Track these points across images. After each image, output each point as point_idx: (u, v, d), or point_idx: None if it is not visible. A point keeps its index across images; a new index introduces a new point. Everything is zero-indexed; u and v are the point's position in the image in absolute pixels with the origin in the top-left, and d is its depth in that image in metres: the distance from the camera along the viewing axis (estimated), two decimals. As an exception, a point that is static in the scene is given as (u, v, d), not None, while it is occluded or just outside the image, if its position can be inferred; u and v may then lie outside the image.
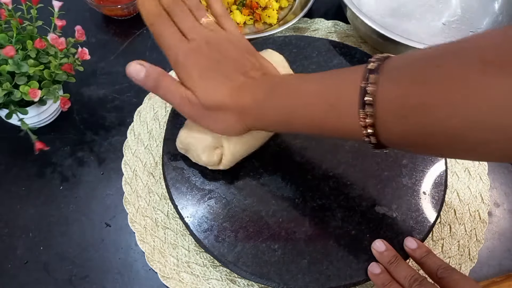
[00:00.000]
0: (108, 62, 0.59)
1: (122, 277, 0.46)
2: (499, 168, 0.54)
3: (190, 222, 0.44)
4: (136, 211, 0.49)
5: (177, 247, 0.47)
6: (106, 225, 0.48)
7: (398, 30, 0.61)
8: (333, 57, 0.55)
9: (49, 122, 0.53)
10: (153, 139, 0.53)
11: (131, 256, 0.47)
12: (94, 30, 0.62)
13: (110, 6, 0.59)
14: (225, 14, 0.43)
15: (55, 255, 0.46)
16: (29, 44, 0.45)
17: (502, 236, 0.50)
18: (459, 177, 0.52)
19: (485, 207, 0.51)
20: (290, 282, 0.41)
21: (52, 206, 0.49)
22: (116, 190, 0.50)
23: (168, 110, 0.55)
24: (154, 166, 0.51)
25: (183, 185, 0.46)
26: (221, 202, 0.45)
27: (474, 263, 0.48)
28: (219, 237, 0.43)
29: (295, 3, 0.65)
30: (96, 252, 0.47)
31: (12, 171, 0.51)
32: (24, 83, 0.44)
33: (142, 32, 0.62)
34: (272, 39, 0.56)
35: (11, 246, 0.47)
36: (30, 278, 0.45)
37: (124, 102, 0.56)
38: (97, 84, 0.57)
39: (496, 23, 0.61)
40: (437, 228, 0.49)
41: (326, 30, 0.63)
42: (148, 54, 0.60)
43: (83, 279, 0.45)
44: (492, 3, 0.62)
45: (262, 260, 0.42)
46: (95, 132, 0.54)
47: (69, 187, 0.50)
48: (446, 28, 0.63)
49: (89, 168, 0.51)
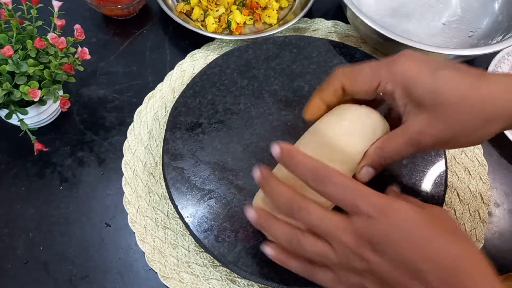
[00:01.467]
0: (108, 62, 0.59)
1: (122, 277, 0.46)
2: (499, 168, 0.54)
3: (190, 222, 0.44)
4: (136, 211, 0.49)
5: (177, 247, 0.47)
6: (106, 225, 0.48)
7: (398, 30, 0.61)
8: (333, 57, 0.55)
9: (49, 122, 0.53)
10: (153, 139, 0.53)
11: (131, 256, 0.47)
12: (94, 30, 0.62)
13: (110, 6, 0.59)
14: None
15: (55, 255, 0.46)
16: (29, 44, 0.45)
17: (502, 236, 0.50)
18: (459, 177, 0.52)
19: (485, 207, 0.51)
20: (290, 282, 0.41)
21: (52, 206, 0.49)
22: (116, 190, 0.50)
23: (168, 110, 0.55)
24: (154, 166, 0.51)
25: (183, 185, 0.46)
26: (221, 202, 0.45)
27: (474, 263, 0.48)
28: (219, 237, 0.43)
29: (295, 3, 0.65)
30: (96, 252, 0.47)
31: (12, 171, 0.51)
32: (24, 83, 0.44)
33: (142, 32, 0.62)
34: (272, 39, 0.56)
35: (11, 246, 0.47)
36: (30, 278, 0.45)
37: (124, 102, 0.56)
38: (97, 84, 0.57)
39: (496, 23, 0.61)
40: (437, 228, 0.49)
41: (326, 30, 0.63)
42: (148, 54, 0.60)
43: (83, 279, 0.45)
44: (492, 3, 0.62)
45: (262, 260, 0.42)
46: (95, 132, 0.54)
47: (69, 187, 0.50)
48: (446, 28, 0.63)
49: (89, 168, 0.51)
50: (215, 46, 0.61)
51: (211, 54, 0.60)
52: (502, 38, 0.56)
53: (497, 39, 0.57)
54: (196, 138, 0.49)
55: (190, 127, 0.49)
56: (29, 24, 0.47)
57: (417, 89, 0.33)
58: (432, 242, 0.29)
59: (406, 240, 0.29)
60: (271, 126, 0.50)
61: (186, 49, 0.60)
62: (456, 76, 0.33)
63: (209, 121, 0.50)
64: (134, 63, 0.59)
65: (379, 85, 0.35)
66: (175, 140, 0.48)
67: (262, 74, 0.53)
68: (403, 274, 0.29)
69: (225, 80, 0.53)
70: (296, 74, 0.53)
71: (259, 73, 0.53)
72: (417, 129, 0.33)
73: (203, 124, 0.50)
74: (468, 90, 0.32)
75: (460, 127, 0.33)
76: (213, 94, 0.52)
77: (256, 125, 0.50)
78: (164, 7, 0.59)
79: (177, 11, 0.63)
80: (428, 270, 0.28)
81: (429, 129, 0.33)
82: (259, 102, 0.52)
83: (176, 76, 0.58)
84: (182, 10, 0.63)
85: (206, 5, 0.63)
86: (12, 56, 0.43)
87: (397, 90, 0.34)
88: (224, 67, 0.53)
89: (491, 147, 0.55)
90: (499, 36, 0.57)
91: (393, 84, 0.34)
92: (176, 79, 0.57)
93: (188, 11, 0.63)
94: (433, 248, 0.29)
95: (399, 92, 0.34)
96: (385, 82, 0.35)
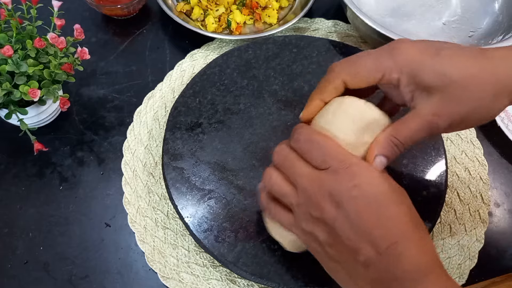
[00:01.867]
0: (108, 62, 0.59)
1: (122, 277, 0.46)
2: (499, 168, 0.54)
3: (190, 222, 0.44)
4: (136, 211, 0.48)
5: (177, 247, 0.47)
6: (106, 225, 0.48)
7: (398, 30, 0.61)
8: (333, 57, 0.55)
9: (49, 122, 0.53)
10: (153, 139, 0.53)
11: (131, 256, 0.47)
12: (94, 30, 0.62)
13: (110, 6, 0.59)
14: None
15: (55, 255, 0.46)
16: (29, 44, 0.45)
17: (502, 236, 0.50)
18: (459, 177, 0.52)
19: (485, 207, 0.51)
20: (290, 282, 0.41)
21: (52, 206, 0.49)
22: (116, 190, 0.50)
23: (168, 110, 0.55)
24: (154, 166, 0.51)
25: (183, 185, 0.46)
26: (221, 202, 0.45)
27: (474, 263, 0.48)
28: (219, 237, 0.43)
29: (295, 2, 0.65)
30: (96, 252, 0.47)
31: (12, 171, 0.51)
32: (23, 83, 0.44)
33: (142, 32, 0.62)
34: (272, 39, 0.56)
35: (11, 246, 0.47)
36: (30, 278, 0.45)
37: (124, 102, 0.56)
38: (97, 84, 0.57)
39: (496, 23, 0.61)
40: (437, 228, 0.49)
41: (326, 30, 0.63)
42: (148, 54, 0.60)
43: (83, 279, 0.45)
44: (492, 3, 0.62)
45: (262, 260, 0.42)
46: (94, 132, 0.53)
47: (69, 187, 0.50)
48: (446, 28, 0.62)
49: (89, 168, 0.51)
50: (215, 46, 0.61)
51: (211, 54, 0.60)
52: (502, 38, 0.56)
53: (497, 39, 0.57)
54: (196, 138, 0.49)
55: (190, 127, 0.49)
56: (29, 24, 0.47)
57: (424, 74, 0.33)
58: (389, 210, 0.31)
59: (364, 200, 0.31)
60: (271, 126, 0.50)
61: (186, 49, 0.60)
62: (460, 56, 0.33)
63: (209, 121, 0.50)
64: (134, 63, 0.59)
65: (383, 76, 0.35)
66: (175, 140, 0.48)
67: (262, 74, 0.53)
68: (355, 233, 0.30)
69: (225, 80, 0.53)
70: (296, 74, 0.53)
71: (259, 73, 0.53)
72: (431, 111, 0.33)
73: (203, 124, 0.50)
74: (474, 68, 0.32)
75: (472, 104, 0.33)
76: (213, 94, 0.52)
77: (256, 125, 0.50)
78: (164, 7, 0.59)
79: (177, 11, 0.62)
80: (380, 236, 0.30)
81: (443, 110, 0.33)
82: (259, 102, 0.52)
83: (176, 76, 0.58)
84: (182, 10, 0.63)
85: (206, 4, 0.63)
86: (12, 56, 0.43)
87: (403, 78, 0.34)
88: (224, 67, 0.53)
89: (491, 147, 0.55)
90: (499, 36, 0.57)
91: (399, 73, 0.34)
92: (176, 79, 0.57)
93: (188, 11, 0.63)
94: (389, 216, 0.30)
95: (404, 80, 0.34)
96: (390, 72, 0.34)
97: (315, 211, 0.32)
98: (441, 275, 0.30)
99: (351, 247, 0.31)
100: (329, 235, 0.32)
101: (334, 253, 0.32)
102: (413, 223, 0.31)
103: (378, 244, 0.30)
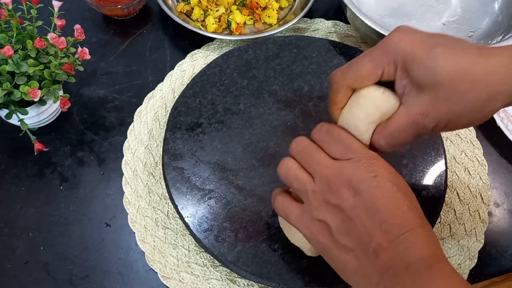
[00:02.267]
0: (108, 62, 0.59)
1: (122, 277, 0.46)
2: (499, 168, 0.54)
3: (190, 222, 0.44)
4: (136, 211, 0.49)
5: (177, 247, 0.47)
6: (106, 225, 0.48)
7: (398, 30, 0.61)
8: (333, 57, 0.55)
9: (49, 122, 0.53)
10: (153, 139, 0.53)
11: (131, 256, 0.47)
12: (94, 30, 0.62)
13: (110, 6, 0.59)
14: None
15: (55, 255, 0.46)
16: (29, 44, 0.45)
17: (502, 236, 0.50)
18: (459, 177, 0.52)
19: (485, 207, 0.51)
20: (290, 282, 0.41)
21: (52, 206, 0.49)
22: (116, 190, 0.50)
23: (168, 110, 0.55)
24: (154, 166, 0.51)
25: (183, 185, 0.46)
26: (221, 202, 0.45)
27: (474, 263, 0.48)
28: (219, 237, 0.43)
29: (295, 3, 0.65)
30: (96, 252, 0.47)
31: (12, 171, 0.51)
32: (24, 83, 0.44)
33: (142, 32, 0.62)
34: (272, 39, 0.56)
35: (11, 246, 0.47)
36: (30, 278, 0.45)
37: (124, 102, 0.56)
38: (97, 84, 0.57)
39: (496, 23, 0.61)
40: (437, 228, 0.49)
41: (326, 30, 0.63)
42: (148, 54, 0.60)
43: (83, 279, 0.45)
44: (492, 3, 0.62)
45: (262, 260, 0.42)
46: (95, 132, 0.54)
47: (69, 187, 0.50)
48: (446, 28, 0.63)
49: (89, 168, 0.51)
50: (215, 46, 0.61)
51: (211, 54, 0.60)
52: (502, 38, 0.56)
53: (497, 39, 0.57)
54: (196, 138, 0.49)
55: (190, 127, 0.50)
56: (29, 24, 0.47)
57: (414, 69, 0.32)
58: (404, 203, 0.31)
59: (383, 191, 0.31)
60: (271, 126, 0.50)
61: (186, 49, 0.60)
62: (455, 54, 0.31)
63: (209, 121, 0.50)
64: (134, 63, 0.59)
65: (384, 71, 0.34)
66: (175, 140, 0.49)
67: (262, 74, 0.53)
68: (369, 220, 0.31)
69: (225, 80, 0.53)
70: (296, 74, 0.53)
71: (259, 73, 0.53)
72: (419, 110, 0.32)
73: (203, 124, 0.50)
74: (467, 68, 0.31)
75: (462, 107, 0.31)
76: (213, 94, 0.52)
77: (256, 125, 0.50)
78: (164, 7, 0.59)
79: (177, 11, 0.63)
80: (394, 224, 0.30)
81: (430, 111, 0.32)
82: (259, 102, 0.52)
83: (176, 76, 0.58)
84: (182, 10, 0.63)
85: (206, 5, 0.63)
86: (12, 56, 0.43)
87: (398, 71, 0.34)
88: (224, 67, 0.54)
89: (491, 147, 0.55)
90: (499, 36, 0.57)
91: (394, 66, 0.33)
92: (176, 79, 0.57)
93: (188, 11, 0.63)
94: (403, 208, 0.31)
95: (399, 72, 0.34)
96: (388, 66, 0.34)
97: (333, 197, 0.32)
98: (447, 265, 0.31)
99: (364, 234, 0.31)
100: (343, 222, 0.32)
101: (346, 242, 0.32)
102: (421, 218, 0.32)
103: (391, 232, 0.30)
